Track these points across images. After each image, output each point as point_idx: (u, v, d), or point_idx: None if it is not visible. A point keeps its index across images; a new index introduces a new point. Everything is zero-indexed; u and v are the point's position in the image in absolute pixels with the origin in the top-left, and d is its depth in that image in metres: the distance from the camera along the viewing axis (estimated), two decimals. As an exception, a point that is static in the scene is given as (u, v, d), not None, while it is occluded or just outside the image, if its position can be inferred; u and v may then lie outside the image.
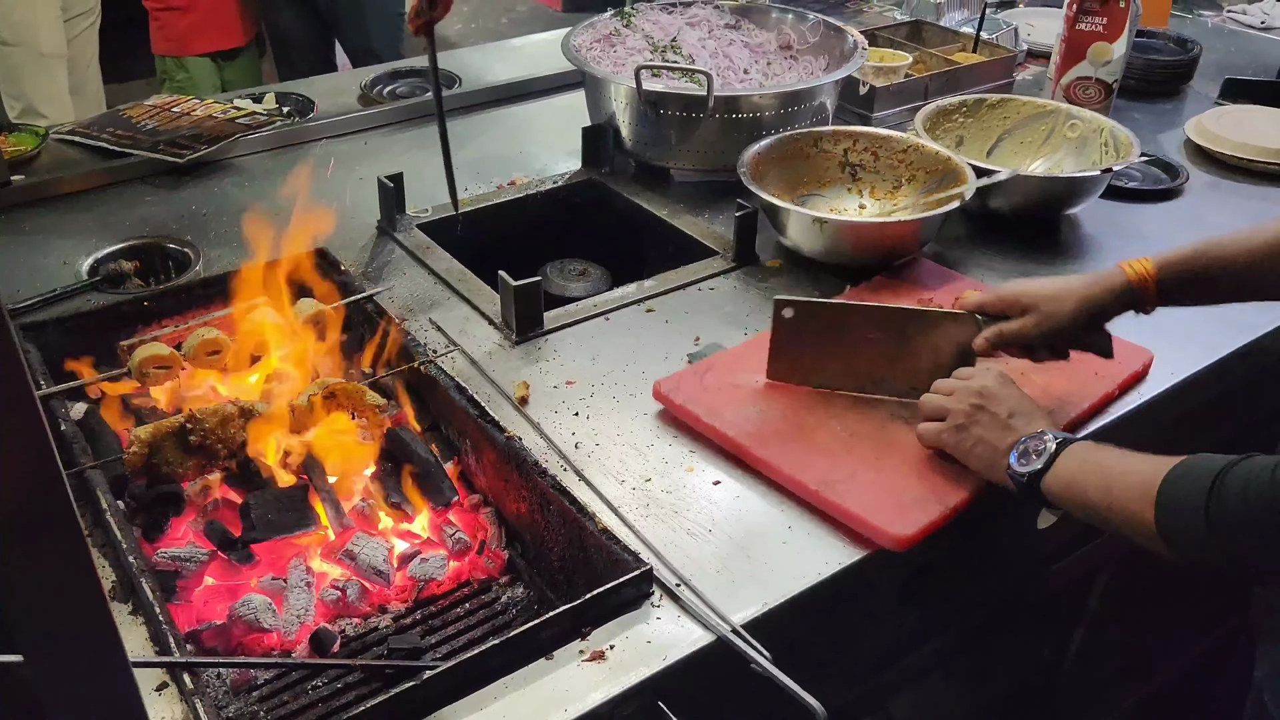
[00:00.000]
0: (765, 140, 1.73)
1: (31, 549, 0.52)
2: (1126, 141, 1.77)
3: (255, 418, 1.23)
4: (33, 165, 1.88)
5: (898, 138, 1.77)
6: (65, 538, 0.53)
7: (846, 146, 1.78)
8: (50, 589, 0.54)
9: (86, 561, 0.54)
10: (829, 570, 1.10)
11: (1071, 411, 1.30)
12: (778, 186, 1.72)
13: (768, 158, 1.72)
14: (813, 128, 1.82)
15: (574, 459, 1.24)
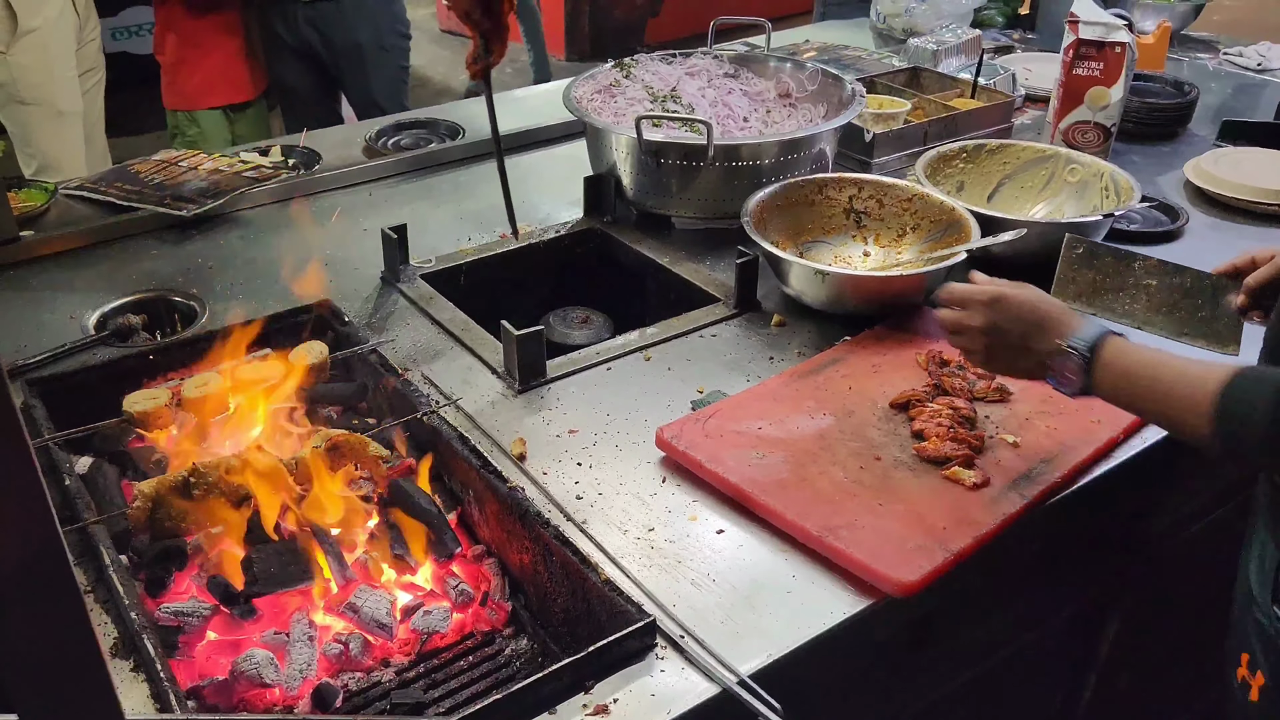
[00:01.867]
0: (769, 188, 1.74)
1: (28, 609, 0.52)
2: (1127, 186, 1.78)
3: (258, 470, 1.23)
4: (42, 220, 1.91)
5: (902, 186, 1.78)
6: (62, 598, 0.53)
7: (851, 194, 1.80)
8: (46, 648, 0.54)
9: (84, 621, 0.54)
10: (834, 619, 1.10)
11: (1075, 458, 1.30)
12: (781, 234, 1.73)
13: (771, 205, 1.73)
14: (816, 175, 1.84)
15: (577, 509, 1.24)
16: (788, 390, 1.42)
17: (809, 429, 1.34)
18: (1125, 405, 1.16)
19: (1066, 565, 1.53)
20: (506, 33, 1.25)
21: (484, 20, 1.21)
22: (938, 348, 1.50)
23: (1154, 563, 1.69)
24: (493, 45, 1.25)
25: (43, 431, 1.31)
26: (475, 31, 1.23)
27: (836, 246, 1.79)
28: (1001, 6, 3.17)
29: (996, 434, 1.34)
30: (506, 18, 1.23)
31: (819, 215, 1.80)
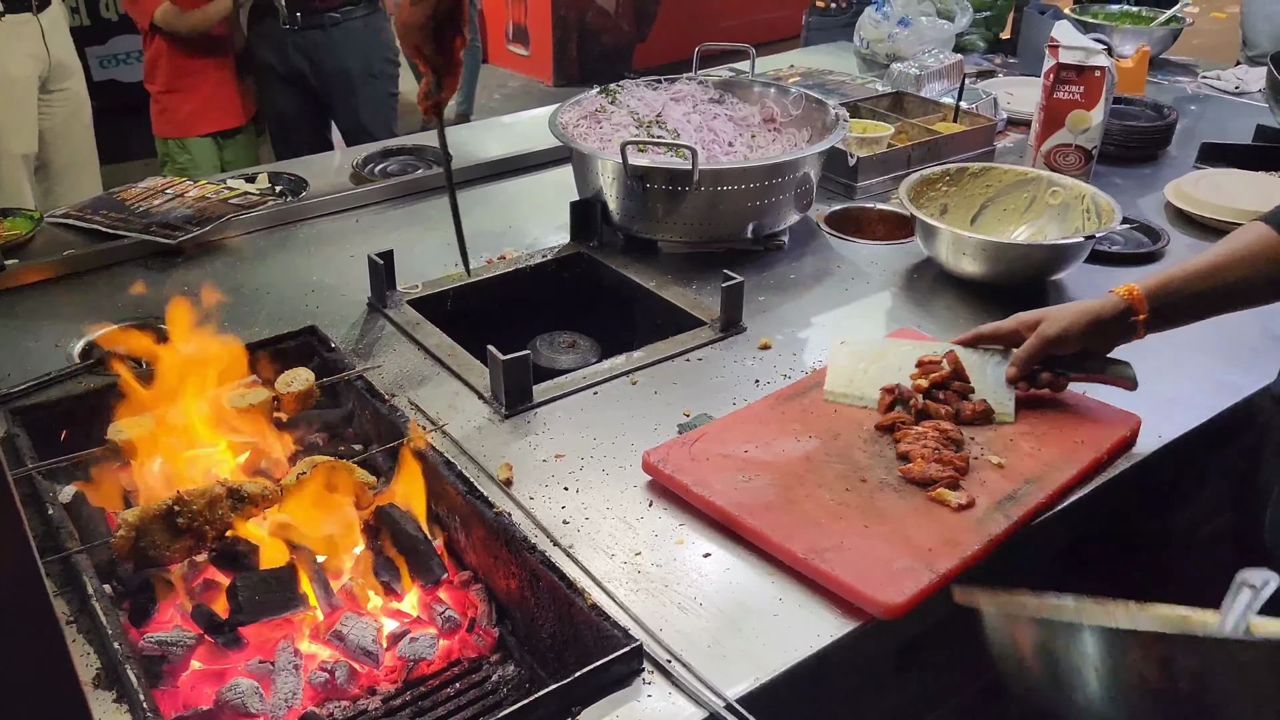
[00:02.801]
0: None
1: (7, 642, 0.52)
2: (1108, 207, 1.80)
3: (243, 498, 1.23)
4: (27, 249, 1.90)
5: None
6: (42, 632, 0.52)
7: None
8: (25, 681, 0.54)
9: (63, 655, 0.54)
10: (821, 642, 1.09)
11: (1060, 478, 1.30)
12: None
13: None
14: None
15: (564, 533, 1.24)
16: (773, 413, 1.43)
17: (795, 451, 1.34)
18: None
19: (1053, 586, 1.53)
20: (459, 69, 1.25)
21: (435, 56, 1.21)
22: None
23: (1141, 582, 1.69)
24: (444, 81, 1.25)
25: (25, 461, 1.31)
26: (427, 67, 1.23)
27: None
28: (983, 31, 3.21)
29: (982, 455, 1.34)
30: (459, 53, 1.23)
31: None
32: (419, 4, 1.16)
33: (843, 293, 1.81)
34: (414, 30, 1.18)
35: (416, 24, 1.17)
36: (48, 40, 3.03)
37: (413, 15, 1.18)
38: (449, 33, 1.18)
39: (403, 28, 1.20)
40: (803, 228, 2.02)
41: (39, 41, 3.00)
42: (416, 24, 1.17)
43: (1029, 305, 1.75)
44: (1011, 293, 1.78)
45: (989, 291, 1.78)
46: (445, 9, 1.16)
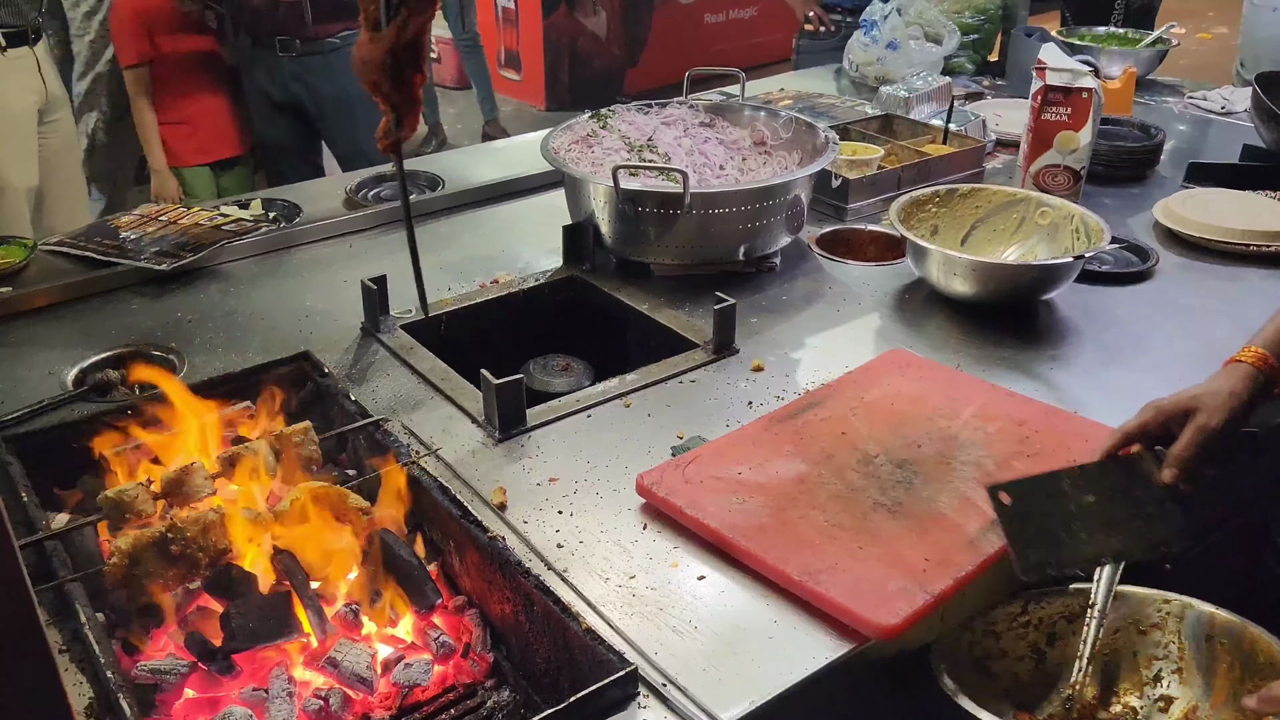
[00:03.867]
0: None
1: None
2: (1097, 227, 1.81)
3: (237, 524, 1.23)
4: (21, 277, 1.91)
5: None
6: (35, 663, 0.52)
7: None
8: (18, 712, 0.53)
9: (56, 685, 0.54)
10: (816, 664, 1.09)
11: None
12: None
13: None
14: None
15: (558, 557, 1.24)
16: (767, 435, 1.43)
17: (788, 473, 1.35)
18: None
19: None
20: (418, 106, 1.23)
21: (393, 93, 1.19)
22: (910, 387, 1.52)
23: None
24: (404, 119, 1.22)
25: (19, 489, 1.31)
26: (386, 105, 1.21)
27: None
28: (971, 54, 3.23)
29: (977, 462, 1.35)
30: (418, 90, 1.20)
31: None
32: (377, 40, 1.14)
33: (834, 314, 1.82)
34: (372, 67, 1.16)
35: (375, 60, 1.15)
36: (43, 72, 3.04)
37: (370, 52, 1.15)
38: (408, 70, 1.16)
39: (360, 64, 1.17)
40: (794, 249, 2.03)
41: (36, 74, 3.01)
42: (375, 60, 1.15)
43: (1019, 325, 1.77)
44: (1003, 312, 1.79)
45: (980, 311, 1.79)
46: (405, 44, 1.13)
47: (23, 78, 2.96)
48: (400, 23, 1.11)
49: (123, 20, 3.12)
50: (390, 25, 1.12)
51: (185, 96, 3.23)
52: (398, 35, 1.13)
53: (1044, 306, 1.84)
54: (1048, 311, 1.83)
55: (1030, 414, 1.47)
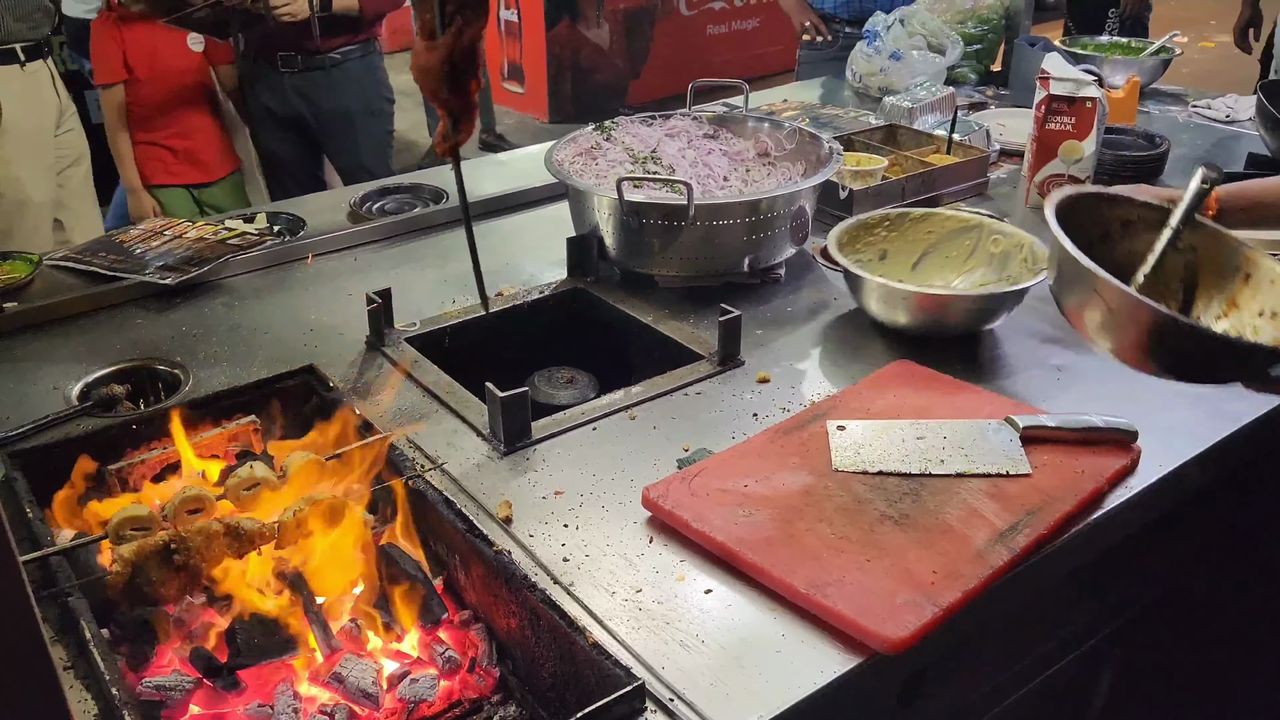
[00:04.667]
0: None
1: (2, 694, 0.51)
2: (1044, 257, 1.72)
3: (240, 535, 1.22)
4: (26, 292, 1.91)
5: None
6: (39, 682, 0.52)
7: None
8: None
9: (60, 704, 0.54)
10: (824, 678, 1.09)
11: (1061, 508, 1.30)
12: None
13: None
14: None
15: (564, 571, 1.23)
16: (773, 447, 1.42)
17: (794, 485, 1.34)
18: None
19: (1058, 616, 1.53)
20: (475, 110, 1.26)
21: (452, 99, 1.21)
22: (916, 399, 1.52)
23: (1148, 611, 1.69)
24: (461, 123, 1.25)
25: (24, 504, 1.30)
26: (443, 110, 1.24)
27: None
28: (974, 64, 3.24)
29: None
30: (474, 96, 1.23)
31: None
32: (434, 49, 1.16)
33: (840, 325, 1.81)
34: (430, 74, 1.19)
35: (433, 68, 1.18)
36: (55, 84, 3.08)
37: (429, 60, 1.18)
38: (465, 76, 1.18)
39: (419, 72, 1.20)
40: (799, 260, 2.03)
41: (50, 87, 3.05)
42: (433, 68, 1.18)
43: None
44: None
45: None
46: (461, 52, 1.16)
47: (40, 92, 3.00)
48: (456, 30, 1.14)
49: (100, 40, 3.15)
50: (447, 33, 1.15)
51: (162, 119, 3.26)
52: (454, 43, 1.16)
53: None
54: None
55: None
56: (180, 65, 3.21)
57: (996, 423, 1.45)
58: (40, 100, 3.01)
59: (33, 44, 2.98)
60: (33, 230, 3.04)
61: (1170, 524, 1.53)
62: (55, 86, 3.06)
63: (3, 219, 3.01)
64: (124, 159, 3.25)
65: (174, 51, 3.19)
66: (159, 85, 3.20)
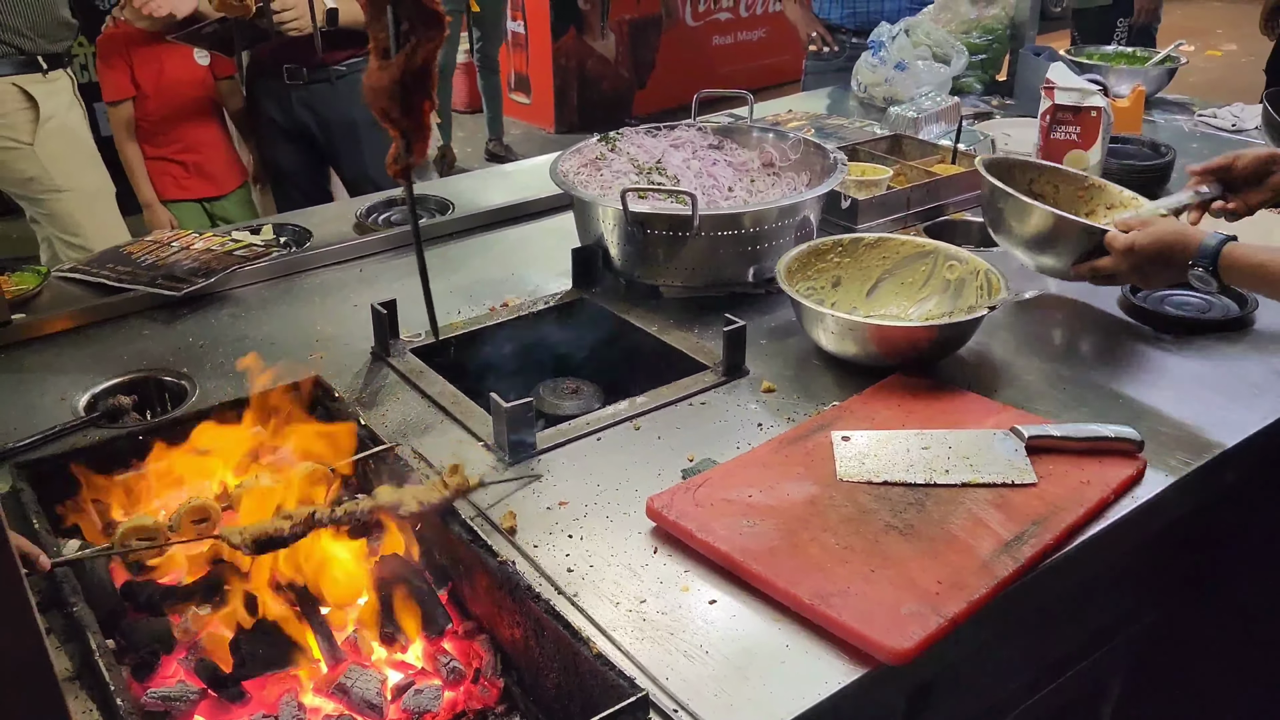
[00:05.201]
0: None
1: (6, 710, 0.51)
2: (998, 284, 1.68)
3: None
4: (34, 303, 1.92)
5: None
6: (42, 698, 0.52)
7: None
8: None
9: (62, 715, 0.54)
10: (829, 689, 1.08)
11: (1067, 517, 1.30)
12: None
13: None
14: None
15: (568, 582, 1.23)
16: (777, 457, 1.42)
17: (799, 495, 1.34)
18: (1255, 291, 1.69)
19: (1067, 626, 1.52)
20: (427, 133, 1.23)
21: (403, 119, 1.19)
22: (921, 409, 1.51)
23: (1158, 620, 1.68)
24: (414, 145, 1.23)
25: (30, 515, 1.31)
26: (395, 131, 1.21)
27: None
28: (979, 74, 3.24)
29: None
30: (427, 117, 1.21)
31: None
32: (386, 68, 1.14)
33: (845, 335, 1.81)
34: (381, 94, 1.17)
35: (384, 88, 1.16)
36: (76, 94, 3.13)
37: (379, 79, 1.16)
38: (417, 96, 1.16)
39: (370, 91, 1.18)
40: (804, 270, 2.02)
41: (72, 94, 3.10)
42: (384, 88, 1.16)
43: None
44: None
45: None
46: (414, 72, 1.14)
47: (66, 94, 3.05)
48: (409, 51, 1.12)
49: (106, 57, 3.18)
50: (399, 53, 1.13)
51: (171, 134, 3.28)
52: (406, 63, 1.13)
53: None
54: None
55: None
56: (187, 80, 3.23)
57: (1002, 432, 1.44)
58: (67, 99, 3.07)
59: (54, 55, 3.03)
60: (101, 219, 3.09)
61: (1177, 533, 1.53)
62: (75, 94, 3.11)
63: (72, 214, 3.06)
64: (136, 173, 3.27)
65: (181, 67, 3.21)
66: (167, 101, 3.22)
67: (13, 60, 2.92)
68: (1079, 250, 1.74)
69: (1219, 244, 1.55)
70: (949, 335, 1.65)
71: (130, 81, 3.17)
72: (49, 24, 2.99)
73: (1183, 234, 1.62)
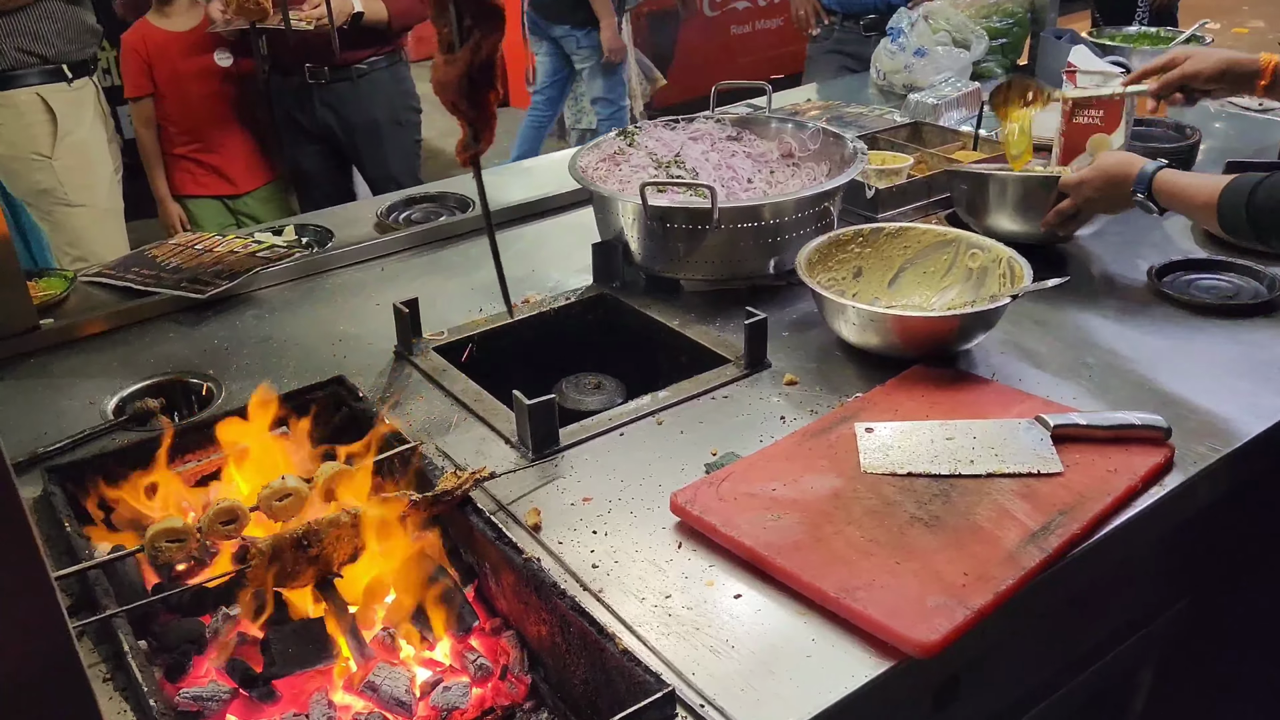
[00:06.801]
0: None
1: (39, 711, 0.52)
2: (1020, 272, 1.66)
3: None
4: (61, 308, 1.94)
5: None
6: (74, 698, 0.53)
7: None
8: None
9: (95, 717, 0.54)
10: (855, 683, 1.08)
11: (1094, 507, 1.29)
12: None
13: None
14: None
15: (594, 578, 1.24)
16: (800, 450, 1.42)
17: (823, 489, 1.34)
18: (1182, 214, 1.80)
19: (1094, 617, 1.51)
20: (494, 121, 1.28)
21: (470, 110, 1.24)
22: (945, 400, 1.51)
23: (1187, 610, 1.67)
24: (480, 134, 1.28)
25: (61, 518, 1.33)
26: (463, 122, 1.26)
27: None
28: (1000, 58, 3.21)
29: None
30: (493, 107, 1.25)
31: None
32: (453, 62, 1.18)
33: (867, 325, 1.80)
34: (449, 87, 1.21)
35: (451, 81, 1.20)
36: (101, 101, 3.16)
37: (447, 73, 1.20)
38: (483, 87, 1.21)
39: (438, 85, 1.22)
40: (825, 261, 2.01)
41: (97, 103, 3.13)
42: (451, 81, 1.20)
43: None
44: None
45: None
46: (479, 64, 1.18)
47: (88, 107, 3.08)
48: (474, 43, 1.17)
49: (127, 54, 3.21)
50: (464, 47, 1.18)
51: (188, 133, 3.30)
52: (472, 57, 1.18)
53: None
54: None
55: (1068, 422, 1.44)
56: (205, 81, 3.25)
57: (1027, 421, 1.43)
58: (90, 113, 3.10)
59: (79, 62, 3.06)
60: (107, 237, 3.13)
61: (1206, 520, 1.51)
62: (100, 102, 3.14)
63: (79, 229, 3.10)
64: (153, 169, 3.31)
65: (197, 67, 3.23)
66: (183, 100, 3.25)
67: (38, 69, 2.95)
68: (1048, 203, 1.91)
69: (1154, 169, 1.74)
70: (970, 324, 1.63)
71: (149, 79, 3.20)
72: (75, 31, 3.02)
73: (1123, 162, 1.80)
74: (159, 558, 1.25)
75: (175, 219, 3.31)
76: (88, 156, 3.09)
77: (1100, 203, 1.85)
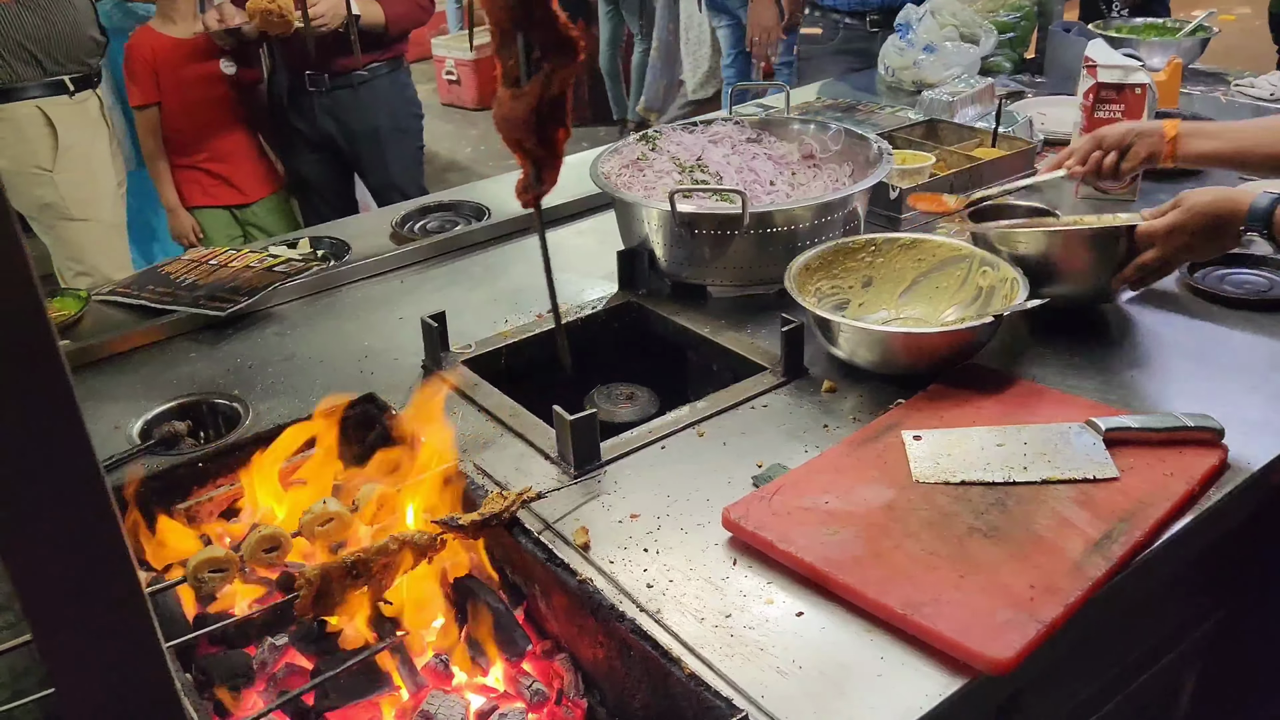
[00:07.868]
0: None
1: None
2: (1018, 294, 1.60)
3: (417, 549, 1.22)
4: (77, 329, 1.90)
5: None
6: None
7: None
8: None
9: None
10: (930, 702, 1.06)
11: (1154, 513, 1.26)
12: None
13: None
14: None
15: (650, 598, 1.21)
16: (849, 460, 1.39)
17: (876, 500, 1.31)
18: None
19: (1146, 627, 1.49)
20: (559, 161, 1.15)
21: (537, 149, 1.11)
22: (990, 404, 1.48)
23: (1231, 617, 1.65)
24: (544, 174, 1.15)
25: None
26: (527, 160, 1.13)
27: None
28: (1008, 53, 3.19)
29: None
30: (562, 145, 1.12)
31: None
32: (520, 97, 1.07)
33: (900, 329, 1.78)
34: (516, 125, 1.09)
35: (519, 119, 1.08)
36: (105, 113, 3.12)
37: (513, 109, 1.08)
38: (553, 125, 1.09)
39: (503, 122, 1.10)
40: (851, 264, 1.99)
41: (100, 115, 3.09)
42: (519, 119, 1.08)
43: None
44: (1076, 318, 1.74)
45: (1053, 323, 1.74)
46: (550, 100, 1.07)
47: (90, 119, 3.05)
48: (543, 79, 1.04)
49: (132, 63, 3.16)
50: (532, 81, 1.05)
51: (195, 142, 3.26)
52: (542, 91, 1.06)
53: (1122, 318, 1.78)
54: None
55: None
56: (210, 90, 3.21)
57: (1078, 425, 1.41)
58: (92, 126, 3.06)
59: (82, 75, 3.02)
60: (110, 252, 3.10)
61: (1256, 525, 1.49)
62: (104, 114, 3.10)
63: (81, 245, 3.06)
64: (161, 179, 3.26)
65: (202, 74, 3.19)
66: (190, 110, 3.20)
67: (38, 82, 2.91)
68: (1115, 257, 1.67)
69: (1270, 204, 1.54)
70: (953, 341, 1.57)
71: (154, 87, 3.16)
72: (77, 44, 2.98)
73: (1230, 199, 1.59)
74: (203, 589, 1.22)
75: (189, 229, 3.26)
76: (90, 170, 3.05)
77: (1197, 249, 1.65)
